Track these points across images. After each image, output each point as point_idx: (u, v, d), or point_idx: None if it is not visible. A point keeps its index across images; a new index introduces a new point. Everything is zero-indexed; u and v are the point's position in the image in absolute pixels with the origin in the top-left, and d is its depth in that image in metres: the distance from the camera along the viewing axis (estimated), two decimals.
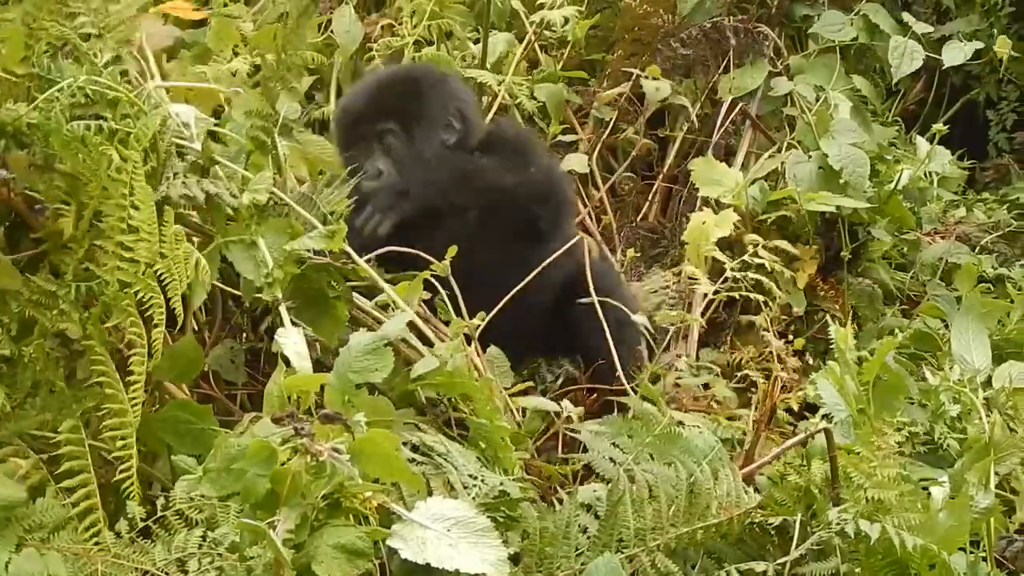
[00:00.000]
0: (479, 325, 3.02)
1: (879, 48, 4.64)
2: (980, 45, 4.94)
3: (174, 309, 2.63)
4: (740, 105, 4.40)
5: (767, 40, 4.36)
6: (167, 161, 2.79)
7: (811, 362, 4.01)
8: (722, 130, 4.35)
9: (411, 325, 2.98)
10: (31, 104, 2.62)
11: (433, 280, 3.03)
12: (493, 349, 3.13)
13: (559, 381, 3.54)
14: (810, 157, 4.24)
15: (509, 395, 3.08)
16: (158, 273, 2.59)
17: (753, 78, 4.35)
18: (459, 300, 3.06)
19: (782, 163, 4.28)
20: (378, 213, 3.27)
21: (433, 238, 3.17)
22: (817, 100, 4.43)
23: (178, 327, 2.76)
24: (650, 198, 4.15)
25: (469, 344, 3.01)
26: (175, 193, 2.74)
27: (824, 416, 3.20)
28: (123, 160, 2.58)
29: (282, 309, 2.76)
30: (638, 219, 4.08)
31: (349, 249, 2.90)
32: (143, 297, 2.60)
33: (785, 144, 4.39)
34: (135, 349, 2.60)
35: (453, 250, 3.01)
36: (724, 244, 4.03)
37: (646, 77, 4.25)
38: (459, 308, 3.05)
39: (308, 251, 2.83)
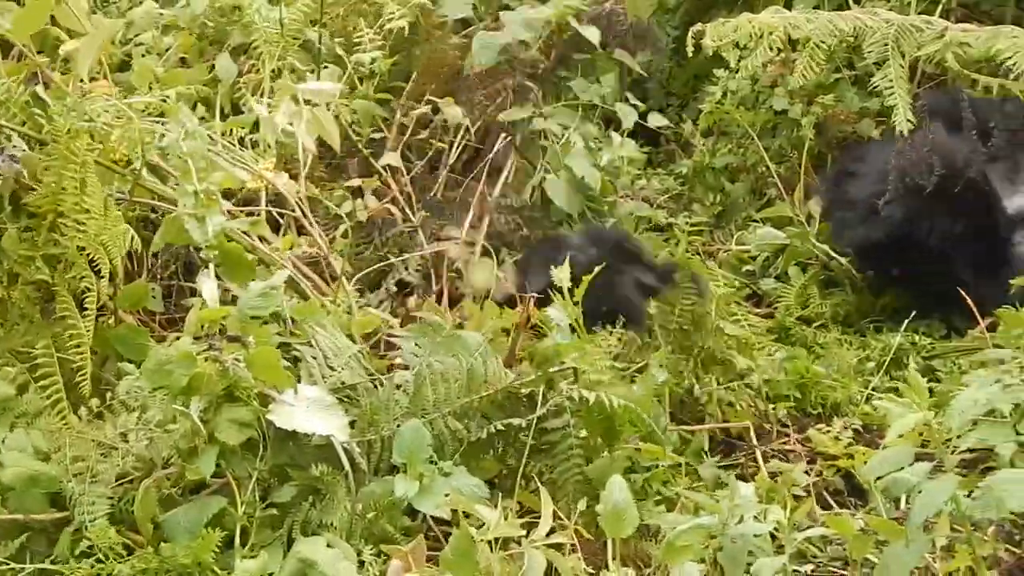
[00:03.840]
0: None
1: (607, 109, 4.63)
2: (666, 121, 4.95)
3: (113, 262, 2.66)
4: (508, 139, 4.37)
5: (531, 92, 4.34)
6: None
7: None
8: (495, 150, 4.33)
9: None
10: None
11: None
12: None
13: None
14: (559, 176, 4.27)
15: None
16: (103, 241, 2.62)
17: (520, 115, 4.34)
18: None
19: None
20: None
21: None
22: (562, 135, 4.46)
23: (120, 275, 2.81)
24: (438, 182, 4.12)
25: None
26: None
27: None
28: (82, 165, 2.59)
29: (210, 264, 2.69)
30: (429, 195, 4.07)
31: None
32: (93, 256, 2.63)
33: (540, 164, 4.40)
34: (87, 292, 2.62)
35: None
36: None
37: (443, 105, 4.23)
38: None
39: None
